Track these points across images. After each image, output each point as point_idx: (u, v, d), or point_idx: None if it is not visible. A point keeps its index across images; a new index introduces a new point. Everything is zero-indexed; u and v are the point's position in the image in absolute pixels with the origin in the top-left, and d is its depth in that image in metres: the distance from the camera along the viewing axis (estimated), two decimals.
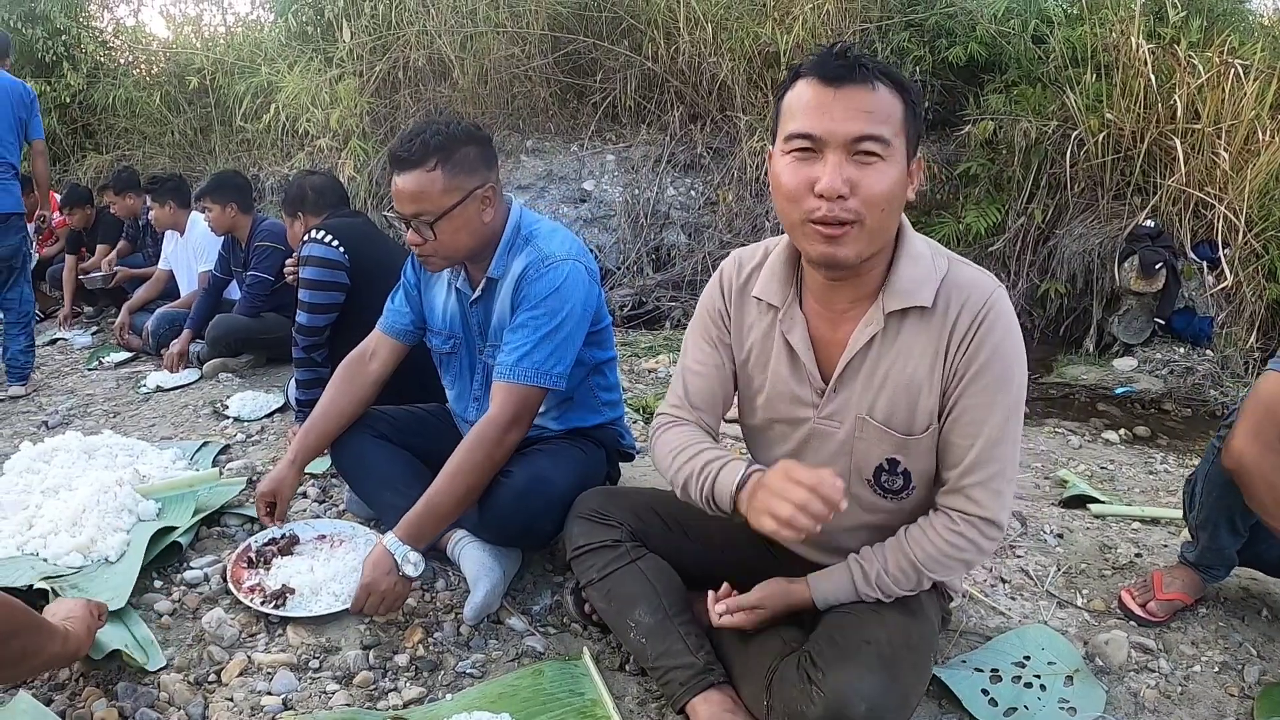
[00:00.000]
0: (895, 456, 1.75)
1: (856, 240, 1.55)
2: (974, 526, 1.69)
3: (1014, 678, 2.04)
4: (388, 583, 2.15)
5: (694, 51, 6.88)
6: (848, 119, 1.50)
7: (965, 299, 1.64)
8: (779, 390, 1.83)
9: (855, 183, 1.50)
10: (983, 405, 1.65)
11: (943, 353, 1.65)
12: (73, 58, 10.17)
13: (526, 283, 2.28)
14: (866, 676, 1.59)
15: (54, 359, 6.04)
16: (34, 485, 2.90)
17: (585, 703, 1.92)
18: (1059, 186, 6.54)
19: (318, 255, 3.37)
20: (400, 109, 7.65)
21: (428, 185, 2.20)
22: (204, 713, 1.98)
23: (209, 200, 5.00)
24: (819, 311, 1.77)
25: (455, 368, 2.57)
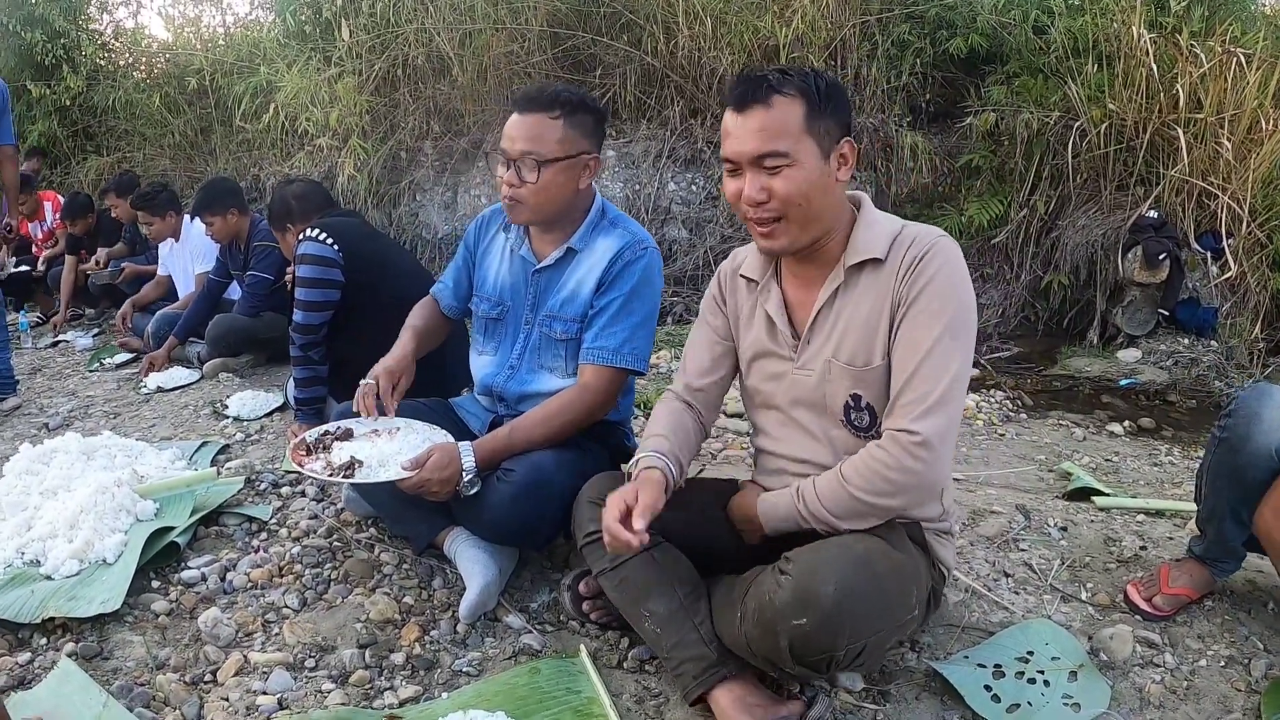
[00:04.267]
0: (857, 391, 1.89)
1: (786, 232, 1.84)
2: (897, 442, 1.75)
3: (1017, 673, 2.01)
4: (445, 489, 2.22)
5: (693, 46, 6.83)
6: (749, 141, 1.79)
7: (911, 242, 1.84)
8: (761, 351, 2.05)
9: (770, 188, 1.79)
10: (919, 327, 1.78)
11: (891, 290, 1.83)
12: (72, 60, 10.15)
13: (624, 263, 2.38)
14: (838, 561, 1.66)
15: (55, 361, 6.04)
16: (33, 487, 2.90)
17: (582, 700, 1.91)
18: (1061, 178, 6.49)
19: (312, 253, 3.35)
20: (400, 107, 7.63)
21: (547, 130, 2.28)
22: (199, 712, 1.99)
23: (208, 215, 5.00)
24: (794, 282, 2.01)
25: (498, 335, 2.59)
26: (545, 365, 2.48)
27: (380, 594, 2.41)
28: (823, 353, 1.92)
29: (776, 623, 1.65)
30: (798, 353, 1.97)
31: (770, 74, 1.79)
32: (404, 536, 2.64)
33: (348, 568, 2.55)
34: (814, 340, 1.94)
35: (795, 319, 2.00)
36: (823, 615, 1.60)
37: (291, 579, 2.52)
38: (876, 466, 1.77)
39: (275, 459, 3.49)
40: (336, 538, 2.74)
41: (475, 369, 2.65)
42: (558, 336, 2.43)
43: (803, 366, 1.96)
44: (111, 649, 2.22)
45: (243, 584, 2.49)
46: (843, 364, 1.89)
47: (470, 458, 2.24)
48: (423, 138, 7.66)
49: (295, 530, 2.80)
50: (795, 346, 1.97)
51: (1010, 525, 2.83)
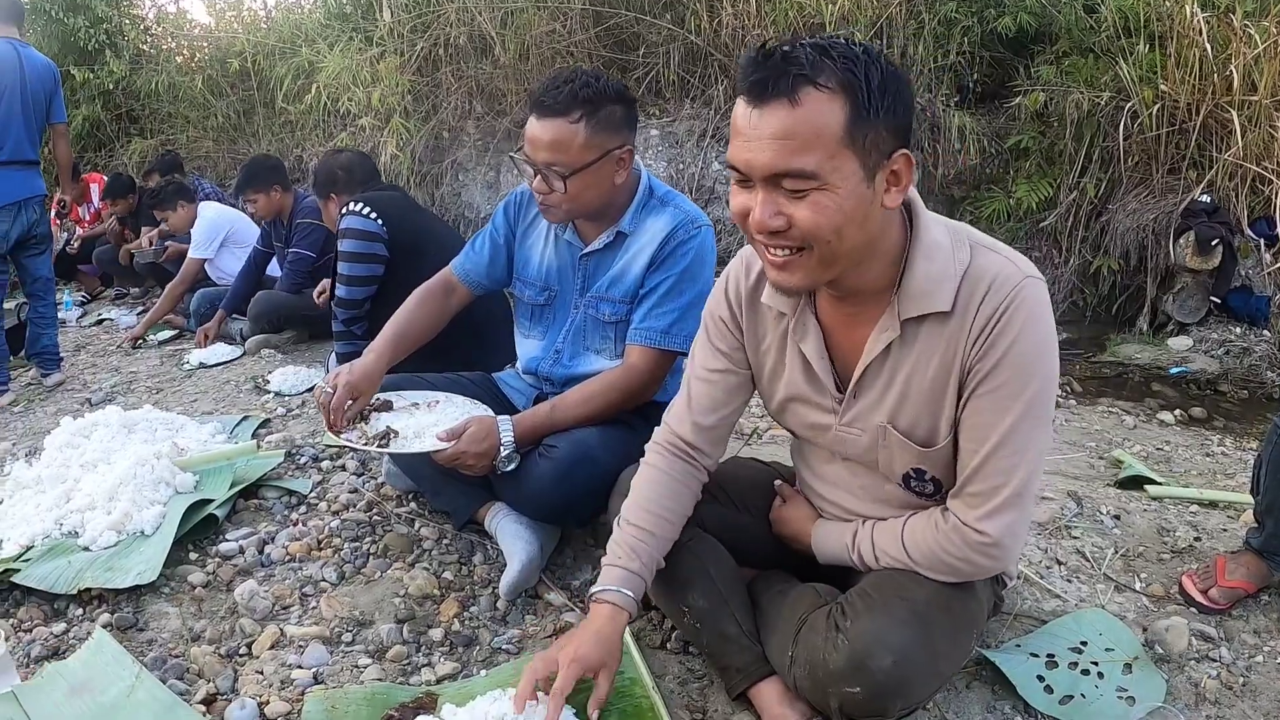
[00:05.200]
0: (920, 466, 1.65)
1: (804, 268, 1.43)
2: (965, 538, 1.57)
3: (1070, 664, 1.94)
4: (483, 462, 2.18)
5: (737, 24, 6.77)
6: (765, 151, 1.34)
7: (986, 293, 1.47)
8: (798, 397, 1.74)
9: (790, 216, 1.37)
10: (991, 409, 1.50)
11: (960, 355, 1.51)
12: (115, 45, 10.32)
13: (676, 242, 2.26)
14: (897, 629, 1.52)
15: (99, 338, 6.13)
16: (73, 459, 2.92)
17: (624, 681, 1.85)
18: (1112, 160, 6.36)
19: (356, 228, 3.35)
20: (442, 87, 7.64)
21: (568, 137, 2.12)
22: (234, 685, 1.98)
23: (251, 192, 5.04)
24: (833, 315, 1.64)
25: (546, 320, 2.52)
26: (592, 347, 2.42)
27: (419, 569, 2.40)
28: (874, 415, 1.63)
29: (828, 684, 1.56)
30: (843, 408, 1.67)
31: (803, 51, 1.32)
32: (444, 511, 2.61)
33: (387, 542, 2.53)
34: (863, 397, 1.64)
35: (838, 362, 1.67)
36: (878, 686, 1.50)
37: (330, 553, 2.50)
38: (941, 554, 1.60)
39: (315, 433, 3.49)
40: (376, 512, 2.73)
41: (521, 351, 2.61)
42: (605, 318, 2.37)
43: (850, 425, 1.67)
44: (147, 620, 2.22)
45: (280, 557, 2.49)
46: (901, 435, 1.61)
47: (509, 432, 2.20)
48: (465, 117, 7.66)
49: (335, 504, 2.80)
50: (840, 400, 1.67)
51: (1062, 512, 2.77)
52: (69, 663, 2.00)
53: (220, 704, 1.90)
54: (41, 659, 2.08)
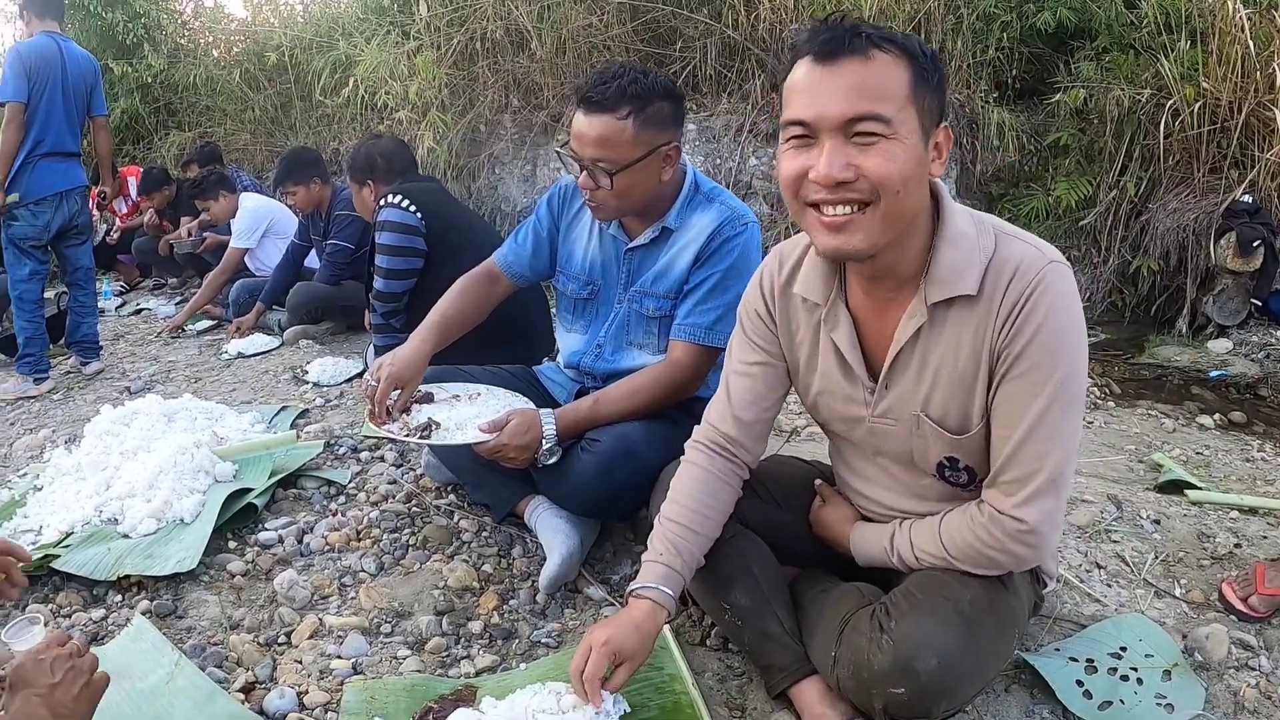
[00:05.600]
0: (953, 455, 1.66)
1: (867, 228, 1.43)
2: (1002, 527, 1.57)
3: (1110, 669, 1.93)
4: (525, 455, 2.19)
5: (774, 18, 6.70)
6: (841, 99, 1.38)
7: (1011, 277, 1.49)
8: (831, 390, 1.75)
9: (859, 166, 1.39)
10: (1020, 393, 1.51)
11: (989, 340, 1.52)
12: (153, 39, 10.43)
13: (722, 239, 2.25)
14: (942, 630, 1.53)
15: (138, 328, 6.19)
16: (113, 447, 2.95)
17: (664, 677, 1.87)
18: (1152, 159, 6.27)
19: (395, 221, 3.36)
20: (478, 80, 7.63)
21: (615, 134, 2.12)
22: (272, 674, 1.99)
23: (291, 184, 5.07)
24: (864, 304, 1.66)
25: (589, 314, 2.52)
26: (635, 342, 2.42)
27: (459, 561, 2.41)
28: (907, 404, 1.64)
29: (873, 686, 1.56)
30: (874, 398, 1.68)
31: (864, 25, 1.41)
32: (484, 504, 2.61)
33: (426, 534, 2.55)
34: (895, 387, 1.65)
35: (870, 353, 1.69)
36: (922, 687, 1.51)
37: (369, 543, 2.52)
38: (979, 546, 1.60)
39: (354, 424, 3.51)
40: (415, 503, 2.75)
41: (563, 344, 2.61)
42: (649, 314, 2.36)
43: (883, 416, 1.69)
44: (186, 608, 2.24)
45: (319, 547, 2.51)
46: (933, 423, 1.63)
47: (551, 425, 2.21)
48: (501, 111, 7.66)
49: (374, 495, 2.82)
50: (872, 390, 1.68)
51: (1102, 515, 2.74)
52: (108, 649, 2.02)
53: (259, 692, 1.91)
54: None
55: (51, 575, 2.36)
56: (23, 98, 4.56)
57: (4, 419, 4.27)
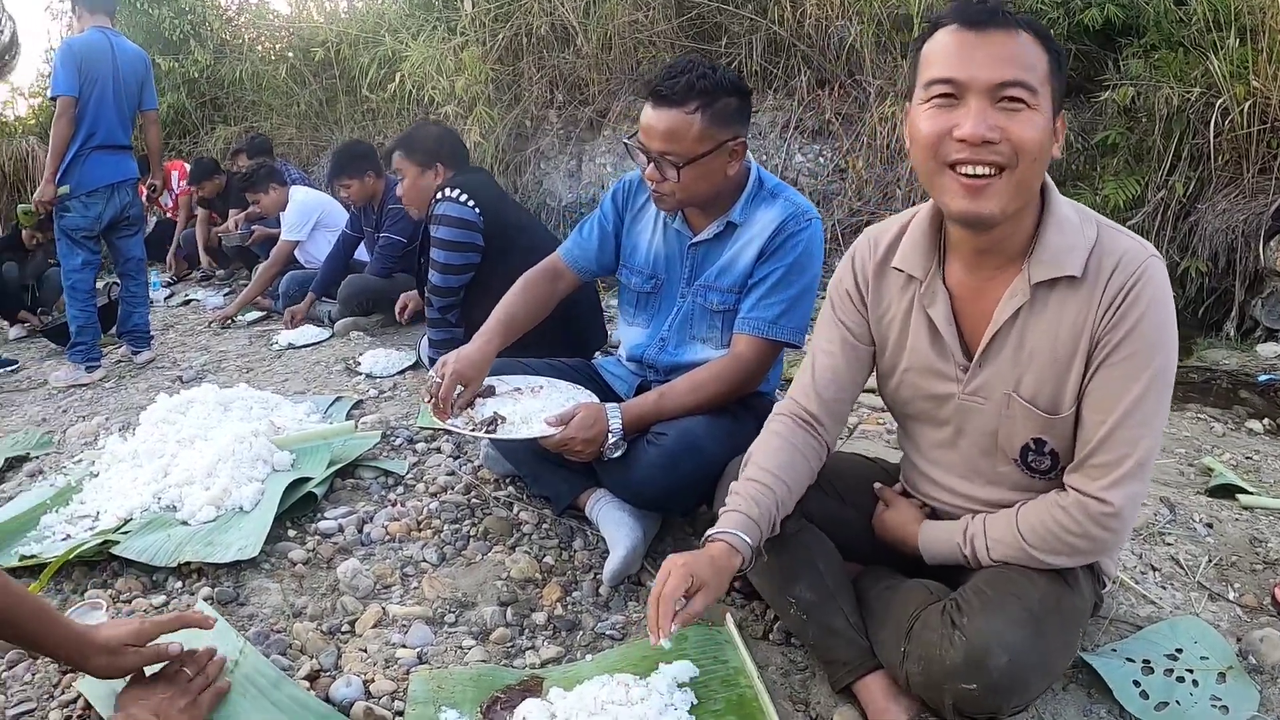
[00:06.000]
0: (1042, 436, 1.67)
1: (1001, 193, 1.48)
2: (1085, 508, 1.59)
3: (1166, 670, 1.93)
4: (589, 448, 2.21)
5: (820, 14, 6.67)
6: (992, 64, 1.44)
7: (1115, 266, 1.54)
8: (920, 366, 1.77)
9: (1003, 129, 1.44)
10: (1118, 379, 1.55)
11: (1090, 324, 1.56)
12: (199, 35, 10.59)
13: (786, 234, 2.28)
14: (1013, 628, 1.54)
15: (187, 318, 6.28)
16: (169, 435, 2.97)
17: (729, 671, 1.88)
18: (1201, 158, 6.18)
19: (453, 215, 3.37)
20: (524, 76, 7.67)
21: (683, 127, 2.15)
22: (337, 662, 2.00)
23: (345, 178, 5.11)
24: (963, 281, 1.69)
25: (651, 308, 2.54)
26: (698, 336, 2.43)
27: (520, 552, 2.42)
28: (1000, 383, 1.67)
29: (944, 682, 1.57)
30: (967, 377, 1.70)
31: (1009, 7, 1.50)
32: (544, 496, 2.63)
33: (486, 525, 2.56)
34: (989, 365, 1.68)
35: (965, 331, 1.71)
36: (993, 684, 1.52)
37: (430, 534, 2.54)
38: (1059, 531, 1.61)
39: (409, 415, 3.53)
40: (474, 495, 2.76)
41: (625, 338, 2.63)
42: (713, 308, 2.38)
43: (973, 394, 1.71)
44: (248, 595, 2.25)
45: (380, 536, 2.52)
46: (1025, 402, 1.65)
47: (617, 419, 2.23)
48: (547, 106, 7.69)
49: (432, 486, 2.83)
50: (965, 368, 1.71)
51: (1155, 518, 2.73)
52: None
53: (324, 680, 1.91)
54: None
55: (110, 561, 2.38)
56: (74, 92, 4.65)
57: (57, 406, 4.34)
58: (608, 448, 2.23)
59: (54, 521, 2.57)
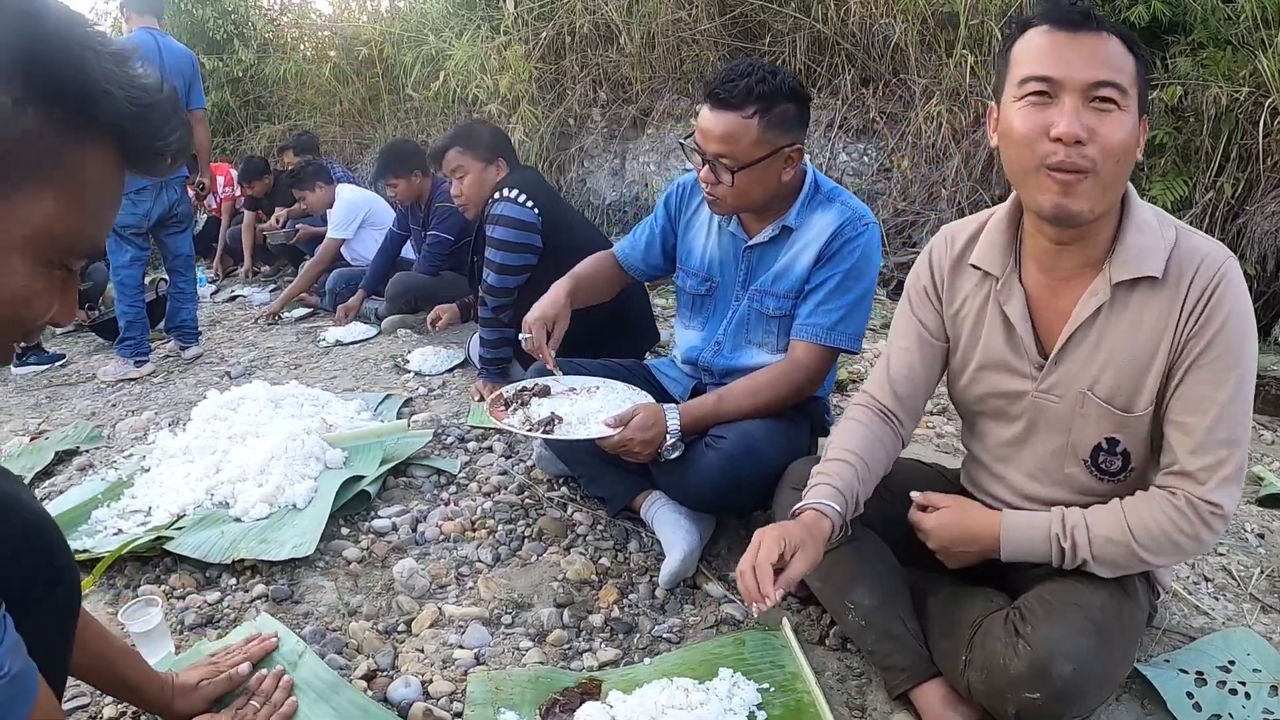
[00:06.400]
0: (1115, 435, 1.68)
1: (1090, 193, 1.50)
2: (1198, 512, 1.58)
3: (1219, 683, 1.92)
4: (647, 450, 2.22)
5: (865, 13, 6.61)
6: (1086, 64, 1.47)
7: (1196, 268, 1.56)
8: (993, 362, 1.78)
9: (1093, 129, 1.46)
10: (1209, 381, 1.56)
11: (1172, 326, 1.57)
12: (242, 35, 10.70)
13: (844, 239, 2.27)
14: (1077, 637, 1.55)
15: (234, 314, 6.35)
16: (221, 432, 3.00)
17: (786, 676, 1.89)
18: (1250, 159, 6.09)
19: (511, 216, 3.37)
20: (567, 74, 7.68)
21: (740, 132, 2.15)
22: (394, 662, 2.00)
23: (393, 177, 5.12)
24: (1040, 280, 1.71)
25: (706, 310, 2.55)
26: (754, 340, 2.44)
27: (576, 554, 2.43)
28: (1076, 382, 1.68)
29: (1007, 691, 1.58)
30: (1042, 374, 1.71)
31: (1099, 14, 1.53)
32: (598, 497, 2.64)
33: (541, 525, 2.57)
34: (1065, 364, 1.69)
35: (1040, 329, 1.73)
36: (1057, 693, 1.53)
37: (484, 534, 2.56)
38: (1171, 531, 1.59)
39: (459, 414, 3.55)
40: (528, 495, 2.78)
41: (681, 340, 2.63)
42: (770, 313, 2.38)
43: (1047, 391, 1.72)
44: (302, 593, 2.26)
45: (434, 536, 2.54)
46: (1100, 401, 1.66)
47: (676, 421, 2.24)
48: (590, 105, 7.69)
49: (485, 485, 2.85)
50: (1040, 366, 1.72)
51: None
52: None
53: (381, 680, 1.93)
54: (196, 627, 2.14)
55: (163, 557, 2.40)
56: None
57: (106, 400, 4.39)
58: (665, 449, 2.24)
59: (105, 516, 2.61)
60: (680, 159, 7.04)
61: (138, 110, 0.92)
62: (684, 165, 6.99)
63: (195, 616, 2.17)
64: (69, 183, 0.90)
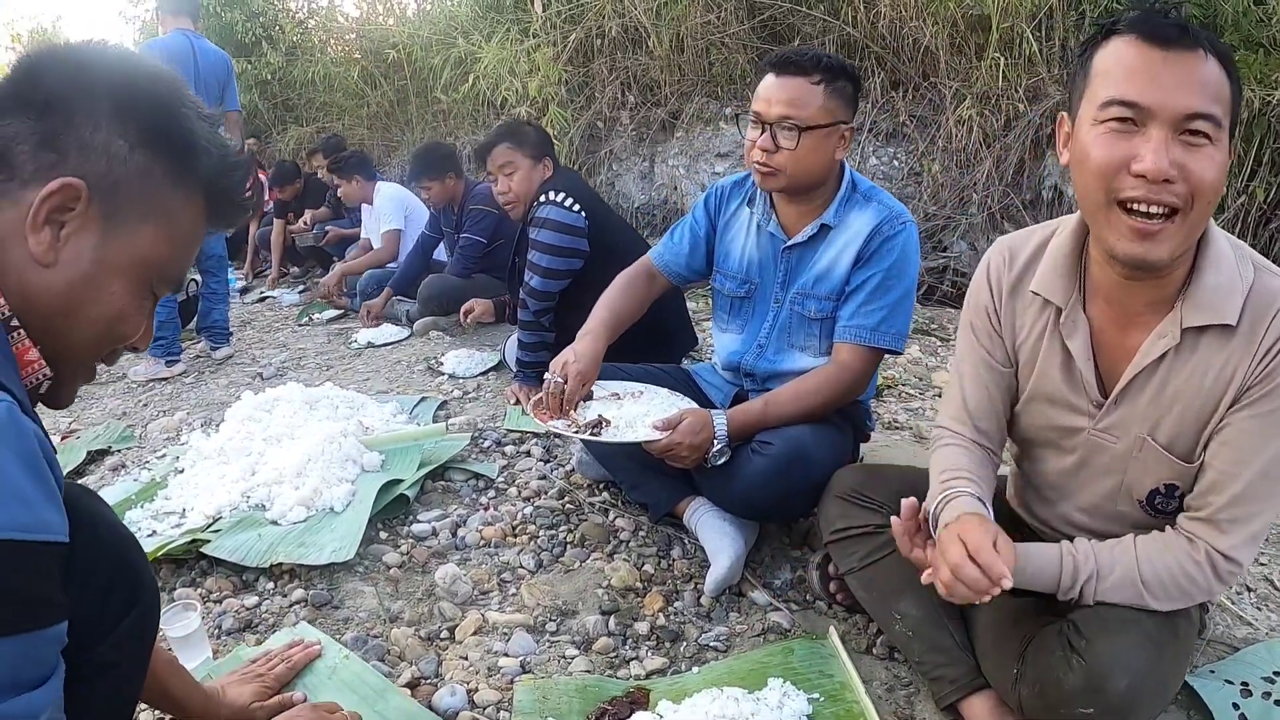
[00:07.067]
0: (1174, 482, 1.60)
1: (1173, 237, 1.36)
2: (1214, 566, 1.52)
3: (1264, 694, 1.89)
4: (694, 455, 2.21)
5: (894, 16, 6.55)
6: (1180, 90, 1.30)
7: (1274, 316, 1.43)
8: (1048, 395, 1.69)
9: (1183, 166, 1.31)
10: (1258, 431, 1.46)
11: (1243, 373, 1.46)
12: (271, 38, 10.83)
13: (882, 238, 2.28)
14: (1134, 651, 1.51)
15: (264, 315, 6.38)
16: (256, 433, 2.99)
17: (835, 685, 1.88)
18: None
19: (556, 219, 3.36)
20: (596, 77, 7.68)
21: (808, 95, 2.20)
22: (438, 669, 1.99)
23: (427, 180, 5.14)
24: (1106, 313, 1.59)
25: (745, 313, 2.54)
26: (796, 344, 2.43)
27: (619, 560, 2.41)
28: (1136, 425, 1.58)
29: (1060, 705, 1.55)
30: (1101, 413, 1.62)
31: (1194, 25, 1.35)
32: (640, 503, 2.62)
33: (583, 531, 2.56)
34: (1126, 405, 1.59)
35: (1102, 365, 1.62)
36: (1112, 707, 1.50)
37: (526, 539, 2.54)
38: (1184, 582, 1.54)
39: (495, 417, 3.53)
40: (568, 500, 2.76)
41: (719, 345, 2.62)
42: (812, 315, 2.38)
43: (1105, 431, 1.63)
44: (342, 598, 2.25)
45: (475, 541, 2.52)
46: (1160, 447, 1.57)
47: (723, 426, 2.23)
48: (619, 108, 7.68)
49: (525, 490, 2.83)
50: (1099, 404, 1.62)
51: None
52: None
53: (425, 688, 1.92)
54: (233, 631, 2.13)
55: (199, 559, 2.40)
56: None
57: (137, 400, 4.39)
58: (712, 455, 2.24)
59: (140, 517, 2.60)
60: (709, 162, 7.02)
61: (226, 167, 1.09)
62: (713, 169, 6.98)
63: (233, 621, 2.16)
64: (166, 221, 1.06)
